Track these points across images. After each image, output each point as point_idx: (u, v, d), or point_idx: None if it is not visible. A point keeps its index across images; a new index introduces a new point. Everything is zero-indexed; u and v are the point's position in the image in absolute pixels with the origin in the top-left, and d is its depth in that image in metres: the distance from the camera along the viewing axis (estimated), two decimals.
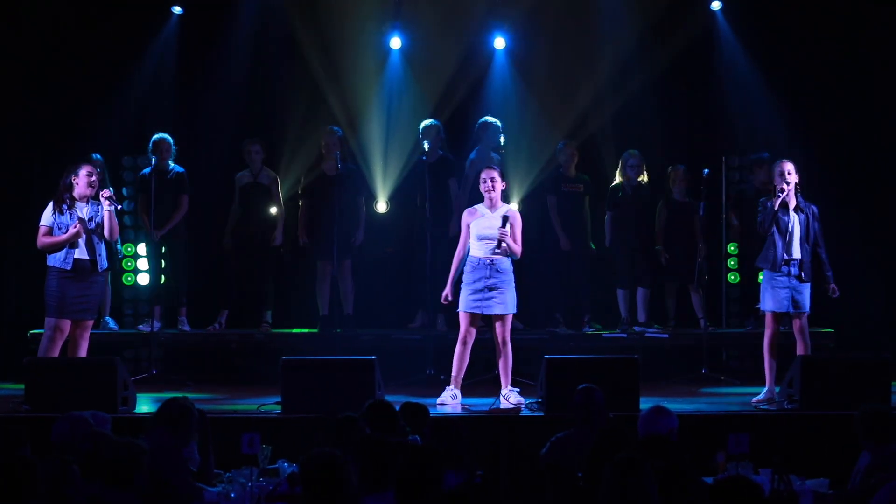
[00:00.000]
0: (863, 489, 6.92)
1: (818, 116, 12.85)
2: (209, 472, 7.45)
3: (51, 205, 10.12)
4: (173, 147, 12.29)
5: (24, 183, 12.60)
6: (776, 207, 10.06)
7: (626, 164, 12.43)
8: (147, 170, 12.17)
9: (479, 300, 10.07)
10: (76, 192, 10.13)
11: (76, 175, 10.12)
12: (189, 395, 8.25)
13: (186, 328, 12.45)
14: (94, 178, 10.15)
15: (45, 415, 8.71)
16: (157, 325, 12.08)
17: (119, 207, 10.11)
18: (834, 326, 11.99)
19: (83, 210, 10.14)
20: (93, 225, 10.14)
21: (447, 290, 10.28)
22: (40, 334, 10.37)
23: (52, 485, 5.70)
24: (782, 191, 10.03)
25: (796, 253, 10.11)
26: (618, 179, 12.49)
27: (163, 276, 12.48)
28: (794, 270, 10.09)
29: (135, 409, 9.81)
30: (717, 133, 13.05)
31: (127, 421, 8.94)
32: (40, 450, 6.71)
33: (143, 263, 12.93)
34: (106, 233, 10.19)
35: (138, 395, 10.06)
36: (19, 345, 11.53)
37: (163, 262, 12.45)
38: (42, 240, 10.11)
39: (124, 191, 12.85)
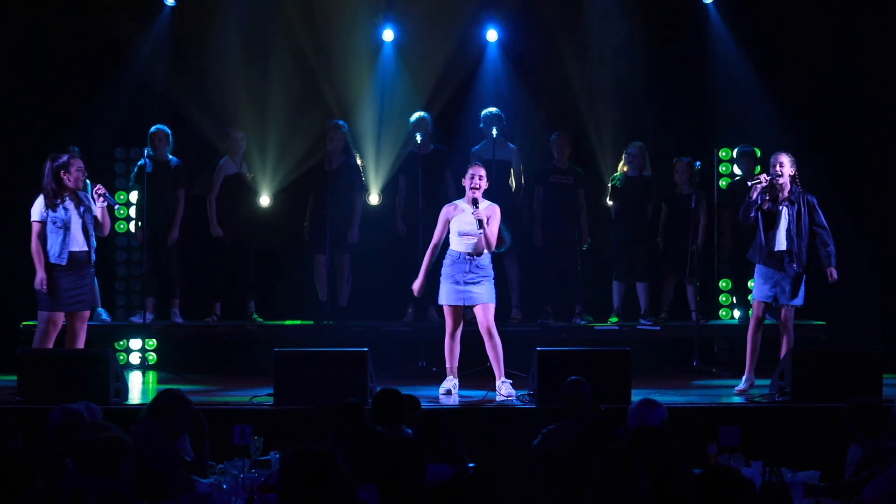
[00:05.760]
0: (854, 482, 6.94)
1: (810, 108, 12.84)
2: (203, 465, 7.45)
3: (41, 199, 9.98)
4: (171, 138, 12.27)
5: (15, 174, 12.56)
6: (752, 198, 10.07)
7: (626, 155, 12.44)
8: (142, 161, 12.11)
9: (459, 293, 10.12)
10: (69, 185, 10.00)
11: (67, 171, 9.96)
12: (181, 387, 8.27)
13: (179, 320, 12.43)
14: (84, 174, 10.07)
15: (38, 406, 8.72)
16: (149, 316, 12.07)
17: (115, 205, 10.01)
18: (826, 319, 12.00)
19: (74, 203, 10.03)
20: (89, 216, 10.07)
21: (419, 282, 10.33)
22: (32, 325, 10.36)
23: (48, 476, 5.70)
24: (758, 182, 10.04)
25: (782, 244, 10.11)
26: (618, 171, 12.50)
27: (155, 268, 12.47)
28: (778, 262, 10.10)
29: (126, 400, 9.82)
30: (710, 125, 13.05)
31: (119, 412, 8.94)
32: (32, 440, 6.71)
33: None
34: (105, 230, 10.18)
35: (130, 386, 10.06)
36: (11, 336, 11.51)
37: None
38: (35, 242, 9.93)
39: (116, 182, 12.80)
